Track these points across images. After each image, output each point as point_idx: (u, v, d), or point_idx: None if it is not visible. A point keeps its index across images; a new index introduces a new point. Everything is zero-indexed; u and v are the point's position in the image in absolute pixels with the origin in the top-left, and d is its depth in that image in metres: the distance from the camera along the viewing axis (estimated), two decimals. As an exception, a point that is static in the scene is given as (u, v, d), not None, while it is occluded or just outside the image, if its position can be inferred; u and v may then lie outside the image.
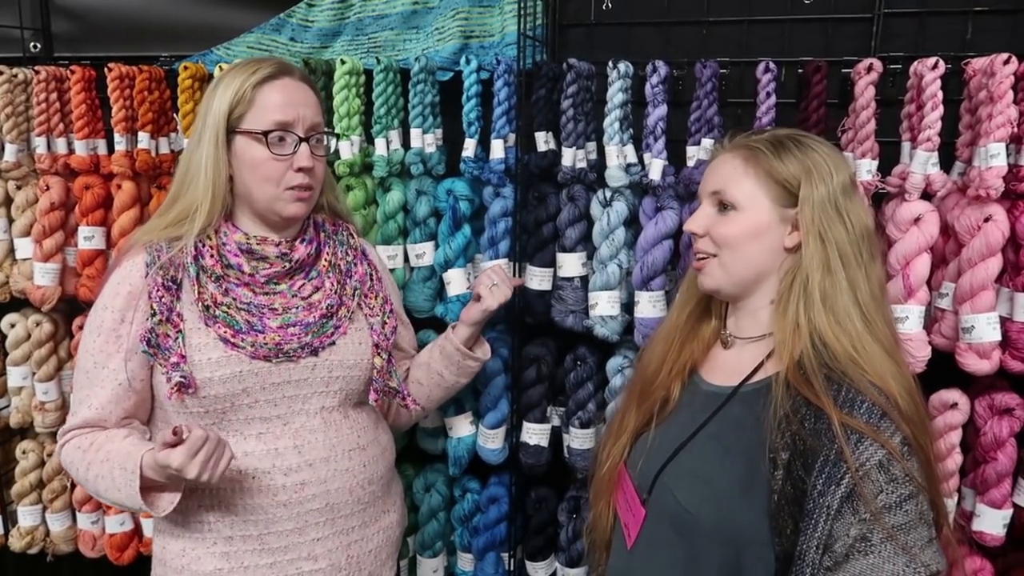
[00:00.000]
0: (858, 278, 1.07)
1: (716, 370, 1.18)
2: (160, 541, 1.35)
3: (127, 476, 1.20)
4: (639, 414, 1.22)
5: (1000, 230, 1.40)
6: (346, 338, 1.35)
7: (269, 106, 1.26)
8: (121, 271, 1.29)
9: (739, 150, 1.14)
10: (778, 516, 0.99)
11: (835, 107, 1.60)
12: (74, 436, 1.29)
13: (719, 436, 1.09)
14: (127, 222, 1.87)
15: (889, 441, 0.97)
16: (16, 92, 1.91)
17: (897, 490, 0.96)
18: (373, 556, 1.40)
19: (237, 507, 1.27)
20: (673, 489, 1.10)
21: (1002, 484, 1.49)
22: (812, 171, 1.08)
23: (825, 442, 0.97)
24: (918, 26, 1.61)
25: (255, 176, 1.27)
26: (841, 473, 0.96)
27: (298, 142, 1.27)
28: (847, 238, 1.07)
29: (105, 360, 1.27)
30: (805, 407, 1.01)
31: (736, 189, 1.12)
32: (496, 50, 1.81)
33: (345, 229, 1.45)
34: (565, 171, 1.66)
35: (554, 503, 1.84)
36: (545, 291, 1.73)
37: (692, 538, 1.06)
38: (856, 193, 1.12)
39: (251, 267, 1.29)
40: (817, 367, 1.03)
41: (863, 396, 1.00)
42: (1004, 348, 1.44)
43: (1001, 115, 1.36)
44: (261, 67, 1.27)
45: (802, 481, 0.98)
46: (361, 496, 1.36)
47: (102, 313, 1.28)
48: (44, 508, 2.10)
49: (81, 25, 2.11)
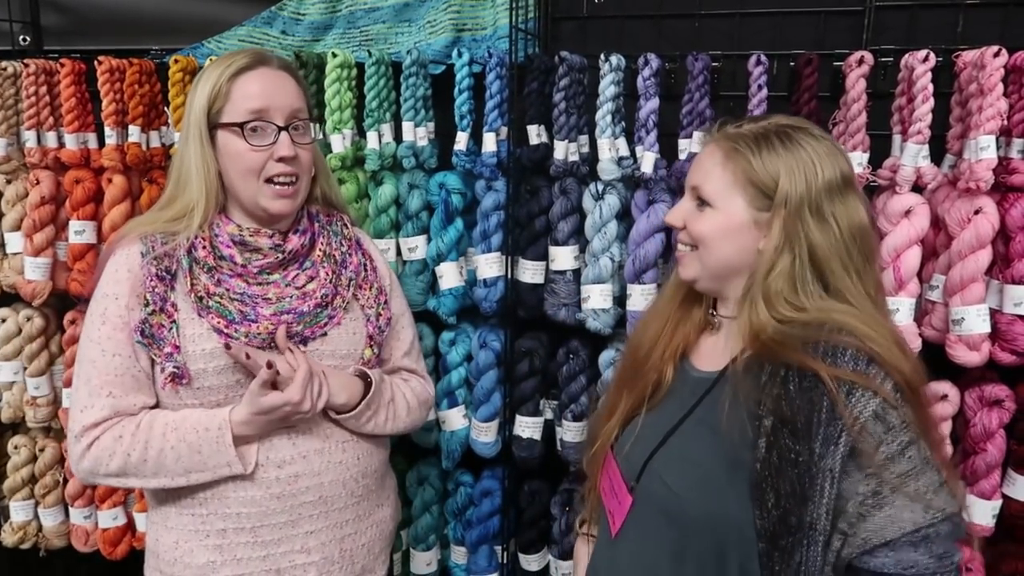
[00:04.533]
0: (844, 281, 1.03)
1: (704, 356, 1.18)
2: (153, 533, 1.34)
3: (211, 435, 1.22)
4: (630, 396, 1.21)
5: (990, 222, 1.40)
6: (339, 328, 1.34)
7: (244, 96, 1.24)
8: (116, 259, 1.28)
9: (723, 143, 1.10)
10: (759, 487, 0.96)
11: (826, 100, 1.60)
12: (105, 430, 1.23)
13: (706, 419, 1.08)
14: (118, 216, 1.87)
15: (881, 387, 0.95)
16: (6, 86, 1.90)
17: (897, 438, 0.94)
18: (366, 550, 1.39)
19: (230, 499, 1.27)
20: (663, 474, 1.09)
21: (991, 475, 1.50)
22: (793, 172, 1.03)
23: (816, 402, 0.95)
24: (909, 19, 1.61)
25: (237, 169, 1.26)
26: (838, 431, 0.94)
27: (277, 131, 1.25)
28: (828, 242, 1.02)
29: (116, 347, 1.24)
30: (784, 371, 0.99)
31: (712, 187, 1.09)
32: (488, 43, 1.81)
33: (340, 220, 1.44)
34: (557, 164, 1.66)
35: (547, 496, 1.85)
36: (538, 284, 1.73)
37: (681, 523, 1.06)
38: (849, 191, 1.05)
39: (244, 258, 1.29)
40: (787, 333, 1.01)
41: (844, 346, 0.97)
42: (994, 340, 1.45)
43: (991, 108, 1.37)
44: (236, 59, 1.26)
45: (789, 450, 0.95)
46: (355, 489, 1.36)
47: (104, 301, 1.25)
48: (36, 503, 2.10)
49: (71, 18, 2.10)
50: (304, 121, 1.30)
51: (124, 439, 1.23)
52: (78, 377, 1.27)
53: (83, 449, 1.24)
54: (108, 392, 1.24)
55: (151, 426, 1.24)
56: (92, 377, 1.25)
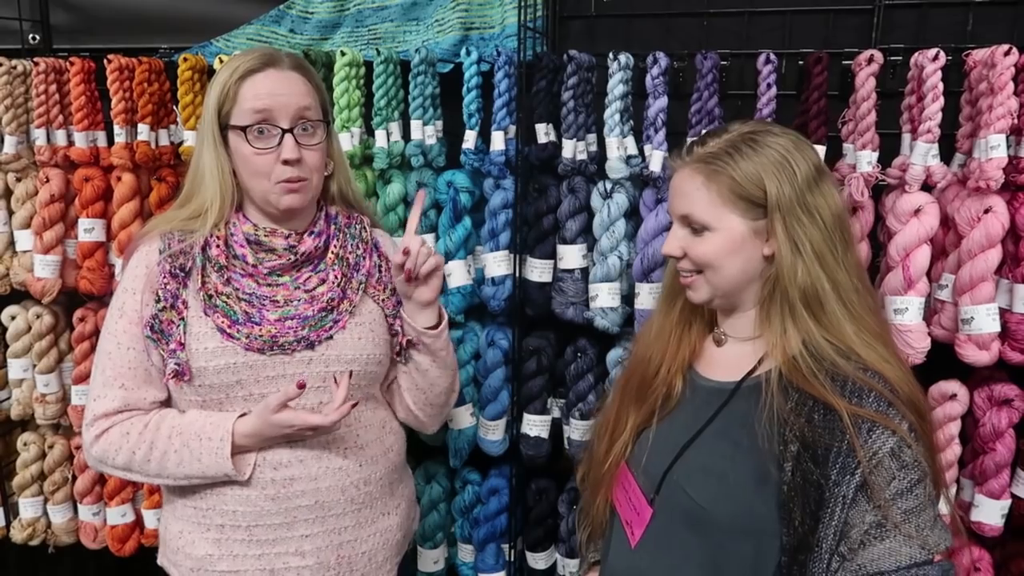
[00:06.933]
0: (838, 275, 1.05)
1: (713, 365, 1.18)
2: (164, 521, 1.38)
3: (212, 445, 1.23)
4: (639, 411, 1.21)
5: (1000, 221, 1.40)
6: (345, 333, 1.33)
7: (248, 99, 1.24)
8: (139, 255, 1.30)
9: (699, 166, 1.09)
10: (787, 506, 1.01)
11: (836, 99, 1.60)
12: (115, 423, 1.27)
13: (727, 432, 1.09)
14: (127, 214, 1.87)
15: (899, 427, 0.99)
16: (15, 84, 1.91)
17: (908, 475, 0.99)
18: (367, 558, 1.37)
19: (227, 497, 1.28)
20: (685, 487, 1.10)
21: (1001, 475, 1.50)
22: (774, 175, 1.04)
23: (837, 434, 0.99)
24: (919, 17, 1.61)
25: (246, 171, 1.26)
26: (855, 463, 0.98)
27: (281, 134, 1.25)
28: (820, 236, 1.05)
29: (131, 341, 1.27)
30: (811, 402, 1.02)
31: (704, 211, 1.09)
32: (496, 42, 1.81)
33: (360, 222, 1.42)
34: (565, 163, 1.66)
35: (554, 494, 1.85)
36: (545, 283, 1.73)
37: (710, 534, 1.07)
38: (823, 180, 1.07)
39: (255, 258, 1.29)
40: (815, 366, 1.04)
41: (869, 387, 1.01)
42: (1003, 339, 1.44)
43: (1001, 107, 1.36)
44: (245, 60, 1.26)
45: (811, 472, 1.00)
46: (355, 496, 1.34)
47: (122, 295, 1.29)
48: (45, 500, 2.11)
49: (80, 17, 2.10)
50: (313, 121, 1.28)
51: (131, 436, 1.26)
52: (95, 366, 1.30)
53: (93, 437, 1.28)
54: (120, 384, 1.27)
55: (158, 427, 1.26)
56: (107, 368, 1.28)
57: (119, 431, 1.26)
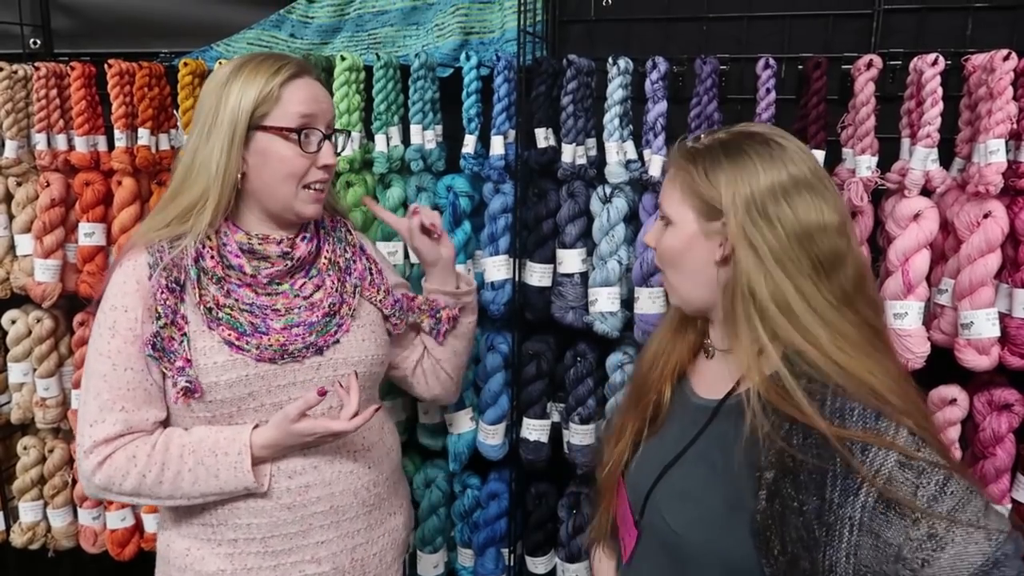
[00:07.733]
0: (802, 284, 0.98)
1: (703, 380, 1.15)
2: (164, 539, 1.34)
3: (230, 460, 1.21)
4: (636, 416, 1.21)
5: (999, 226, 1.40)
6: (349, 336, 1.34)
7: (295, 102, 1.25)
8: (124, 270, 1.26)
9: (676, 159, 1.09)
10: (762, 535, 0.95)
11: (835, 103, 1.60)
12: (117, 448, 1.22)
13: (707, 454, 1.06)
14: (127, 218, 1.87)
15: (895, 441, 0.92)
16: (16, 88, 1.91)
17: (932, 478, 0.91)
18: (378, 559, 1.39)
19: (241, 510, 1.26)
20: (663, 511, 1.07)
21: (1001, 480, 1.50)
22: (736, 180, 1.00)
23: (827, 458, 0.93)
24: (918, 22, 1.61)
25: (278, 173, 1.25)
26: (857, 484, 0.92)
27: (322, 139, 1.27)
28: (779, 245, 0.98)
29: (127, 361, 1.22)
30: (790, 424, 0.96)
31: (668, 205, 1.08)
32: (496, 46, 1.81)
33: (343, 225, 1.44)
34: (565, 167, 1.67)
35: (554, 499, 1.85)
36: (545, 287, 1.73)
37: (683, 562, 1.04)
38: (801, 194, 1.00)
39: (252, 268, 1.28)
40: (795, 380, 0.97)
41: (851, 402, 0.94)
42: (1003, 344, 1.44)
43: (1001, 111, 1.36)
44: (285, 65, 1.26)
45: (792, 499, 0.93)
46: (366, 498, 1.35)
47: (112, 314, 1.23)
48: (45, 504, 2.11)
49: (81, 21, 2.11)
50: (340, 131, 1.35)
51: (139, 459, 1.22)
52: (87, 391, 1.24)
53: (94, 466, 1.22)
54: (120, 407, 1.22)
55: (167, 447, 1.22)
56: (103, 391, 1.22)
57: (124, 455, 1.22)
